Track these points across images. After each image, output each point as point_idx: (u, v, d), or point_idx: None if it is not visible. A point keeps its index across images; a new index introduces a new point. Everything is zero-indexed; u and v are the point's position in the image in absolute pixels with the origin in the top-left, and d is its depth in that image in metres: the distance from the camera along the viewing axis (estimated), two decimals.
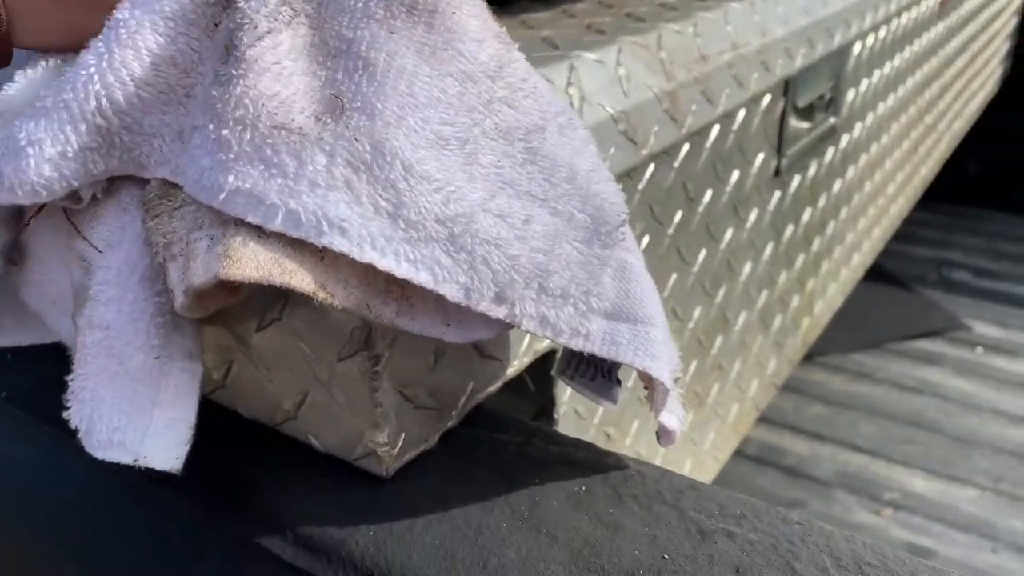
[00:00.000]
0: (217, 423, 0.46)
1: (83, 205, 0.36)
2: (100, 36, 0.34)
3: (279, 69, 0.32)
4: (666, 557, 0.36)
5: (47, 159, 0.33)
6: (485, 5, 0.35)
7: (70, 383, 0.35)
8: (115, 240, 0.36)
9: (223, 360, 0.44)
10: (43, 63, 0.37)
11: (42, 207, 0.37)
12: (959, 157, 1.64)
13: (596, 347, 0.36)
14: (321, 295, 0.32)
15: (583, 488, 0.40)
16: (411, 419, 0.41)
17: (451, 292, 0.32)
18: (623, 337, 0.36)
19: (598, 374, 0.41)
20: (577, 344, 0.35)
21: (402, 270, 0.32)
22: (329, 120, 0.32)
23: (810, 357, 1.59)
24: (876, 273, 1.59)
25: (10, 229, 0.39)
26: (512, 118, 0.35)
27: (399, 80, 0.32)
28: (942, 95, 1.37)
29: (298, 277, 0.31)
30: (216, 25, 0.35)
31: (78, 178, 0.34)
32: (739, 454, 1.41)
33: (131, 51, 0.34)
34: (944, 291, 1.89)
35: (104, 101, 0.33)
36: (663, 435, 0.39)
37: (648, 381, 0.39)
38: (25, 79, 0.36)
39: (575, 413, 0.57)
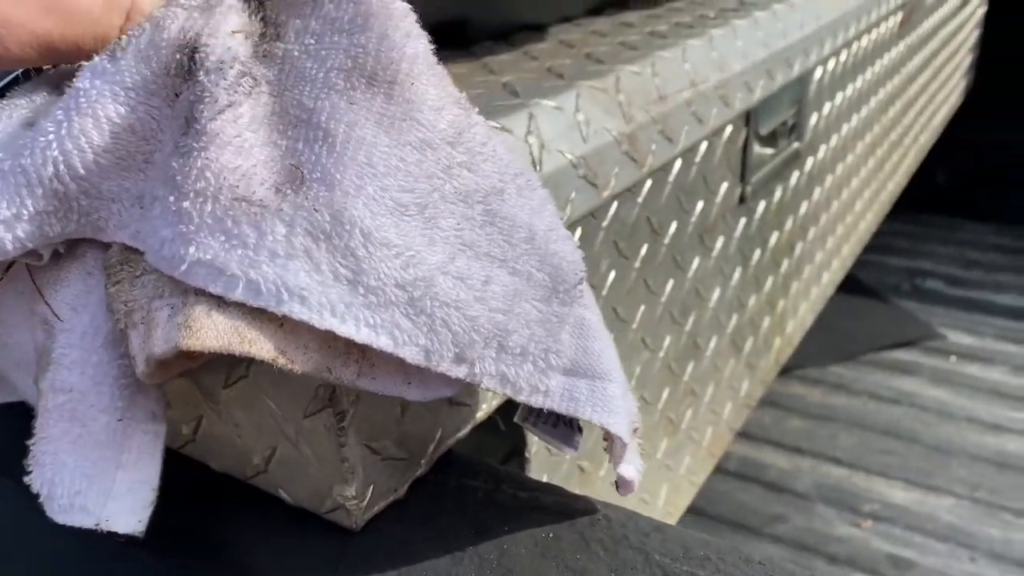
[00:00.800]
0: (188, 477, 0.46)
1: (43, 262, 0.37)
2: (60, 104, 0.35)
3: (240, 142, 0.33)
4: None
5: (1, 220, 0.33)
6: (444, 72, 0.36)
7: (31, 447, 0.35)
8: (80, 304, 0.36)
9: (192, 415, 0.45)
10: (6, 117, 0.37)
11: (3, 275, 0.38)
12: (927, 168, 1.67)
13: (555, 403, 0.37)
14: (281, 361, 0.32)
15: (550, 535, 0.40)
16: (379, 471, 0.41)
17: (411, 355, 0.33)
18: (581, 393, 0.37)
19: (560, 422, 0.41)
20: (536, 401, 0.36)
21: (362, 335, 0.32)
22: (289, 191, 0.33)
23: (788, 371, 1.61)
24: (850, 284, 1.61)
25: None
26: (472, 182, 0.35)
27: (358, 151, 0.33)
28: (906, 111, 1.40)
29: (257, 345, 0.32)
30: (176, 95, 0.35)
31: (33, 240, 0.34)
32: (720, 470, 1.42)
33: (90, 119, 0.34)
34: (918, 301, 1.91)
35: (62, 167, 0.34)
36: (622, 485, 0.40)
37: (607, 434, 0.39)
38: None
39: (547, 451, 0.58)
